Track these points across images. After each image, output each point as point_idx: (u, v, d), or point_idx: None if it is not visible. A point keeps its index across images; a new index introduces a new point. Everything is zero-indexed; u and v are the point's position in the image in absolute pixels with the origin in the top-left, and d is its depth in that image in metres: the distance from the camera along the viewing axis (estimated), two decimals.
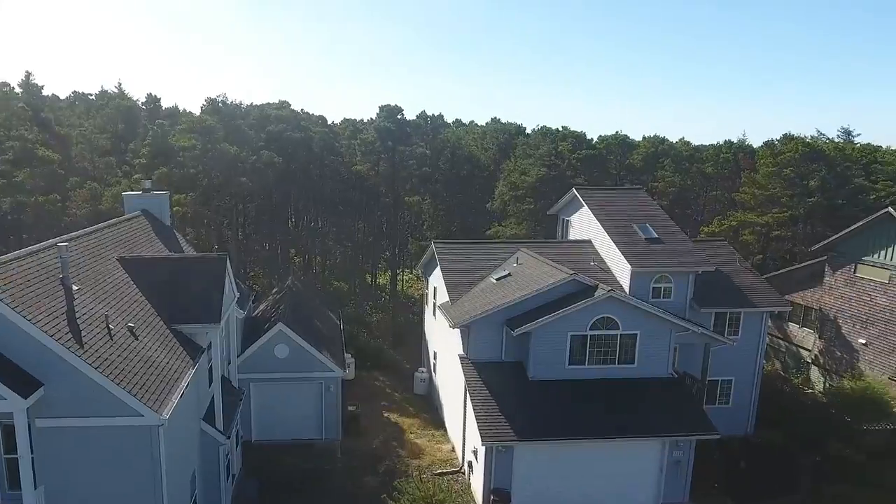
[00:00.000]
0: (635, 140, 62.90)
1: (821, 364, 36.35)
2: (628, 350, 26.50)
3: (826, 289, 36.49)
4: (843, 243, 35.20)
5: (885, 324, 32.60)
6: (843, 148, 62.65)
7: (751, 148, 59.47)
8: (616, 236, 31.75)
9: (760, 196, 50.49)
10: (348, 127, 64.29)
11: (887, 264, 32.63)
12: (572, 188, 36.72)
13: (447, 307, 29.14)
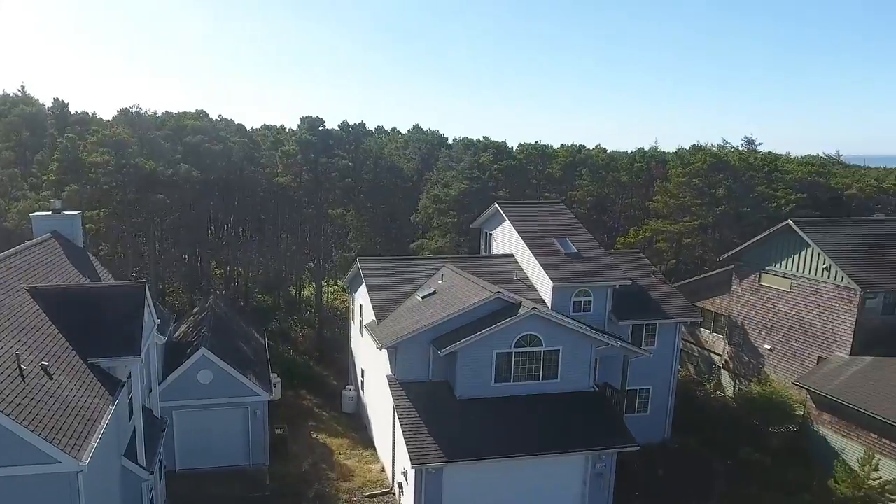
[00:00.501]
0: (554, 147, 64.18)
1: (730, 369, 38.06)
2: (552, 366, 27.11)
3: (734, 296, 38.22)
4: (748, 253, 36.92)
5: (787, 330, 34.39)
6: (747, 157, 65.68)
7: (662, 157, 61.62)
8: (537, 251, 32.43)
9: (672, 205, 52.36)
10: (269, 136, 62.96)
11: (788, 273, 34.43)
12: (494, 203, 37.27)
13: (373, 327, 29.06)
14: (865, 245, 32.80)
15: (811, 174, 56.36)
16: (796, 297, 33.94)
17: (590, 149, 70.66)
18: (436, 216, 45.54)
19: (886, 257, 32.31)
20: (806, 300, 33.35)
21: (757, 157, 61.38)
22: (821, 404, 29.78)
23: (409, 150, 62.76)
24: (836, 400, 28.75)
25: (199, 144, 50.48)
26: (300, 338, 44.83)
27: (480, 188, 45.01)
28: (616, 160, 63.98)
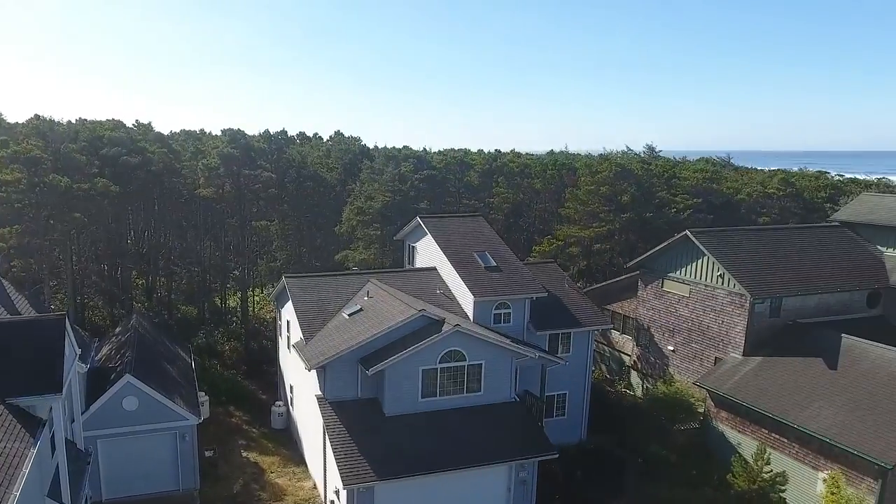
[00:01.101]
0: (473, 153, 64.80)
1: (639, 369, 39.49)
2: (475, 379, 27.48)
3: (640, 300, 39.63)
4: (652, 260, 38.33)
5: (687, 332, 35.95)
6: (649, 165, 68.16)
7: (573, 165, 63.13)
8: (459, 266, 32.73)
9: (582, 211, 53.79)
10: (189, 144, 61.13)
11: (687, 280, 35.96)
12: (417, 217, 37.36)
13: (301, 347, 28.67)
14: (754, 253, 34.62)
15: (705, 181, 58.87)
16: (695, 302, 35.49)
17: (506, 153, 71.82)
18: (360, 228, 45.20)
19: (772, 264, 34.19)
20: (703, 305, 34.93)
21: (657, 164, 63.81)
22: (718, 402, 31.34)
23: (331, 159, 62.00)
24: (731, 398, 30.33)
25: (117, 157, 48.39)
26: (227, 351, 43.64)
27: (403, 200, 44.93)
28: (530, 167, 65.18)
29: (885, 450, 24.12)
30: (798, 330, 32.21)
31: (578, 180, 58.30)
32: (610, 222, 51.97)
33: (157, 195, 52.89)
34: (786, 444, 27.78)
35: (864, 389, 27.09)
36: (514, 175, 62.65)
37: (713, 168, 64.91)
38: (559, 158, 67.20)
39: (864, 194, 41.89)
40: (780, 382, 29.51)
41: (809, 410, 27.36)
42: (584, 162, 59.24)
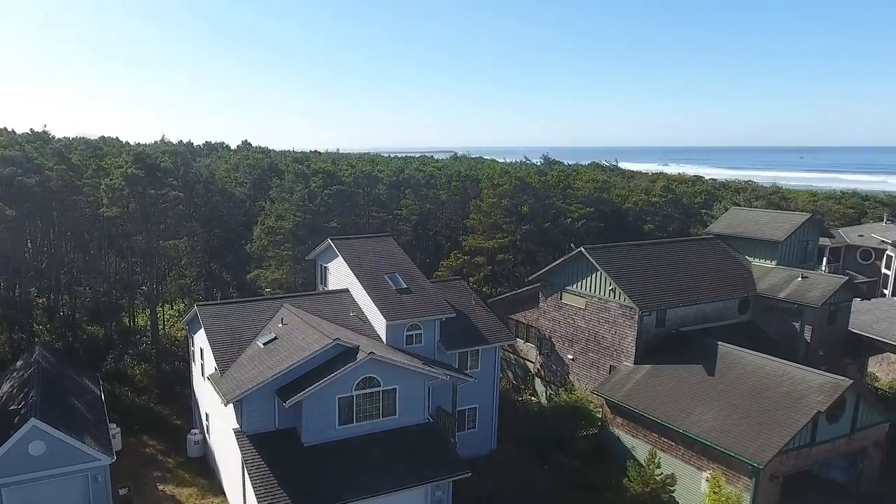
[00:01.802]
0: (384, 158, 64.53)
1: (542, 376, 40.74)
2: (390, 403, 27.64)
3: (541, 311, 40.85)
4: (551, 274, 39.57)
5: (585, 342, 37.41)
6: (545, 173, 70.21)
7: (476, 178, 64.08)
8: (371, 289, 32.72)
9: (486, 222, 54.78)
10: (91, 163, 57.55)
11: (583, 293, 37.39)
12: (328, 239, 37.04)
13: (217, 379, 27.89)
14: (641, 267, 36.41)
15: (596, 190, 61.26)
16: (591, 314, 36.97)
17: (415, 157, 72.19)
18: (271, 248, 44.22)
19: (657, 277, 36.08)
20: (598, 316, 36.44)
21: (553, 174, 65.82)
22: (614, 409, 32.86)
23: (239, 173, 60.23)
24: (624, 405, 31.87)
25: (12, 178, 45.24)
26: (138, 375, 41.70)
27: (314, 219, 44.27)
28: (436, 178, 65.73)
29: (758, 451, 26.06)
30: (681, 338, 34.17)
31: (481, 192, 59.31)
32: (511, 233, 53.18)
33: (58, 213, 49.84)
34: (673, 446, 29.49)
35: (738, 394, 29.11)
36: (421, 186, 63.04)
37: (603, 177, 67.42)
38: (462, 169, 67.89)
39: (734, 208, 44.74)
40: (667, 389, 31.26)
41: (693, 415, 29.16)
42: (487, 174, 59.98)
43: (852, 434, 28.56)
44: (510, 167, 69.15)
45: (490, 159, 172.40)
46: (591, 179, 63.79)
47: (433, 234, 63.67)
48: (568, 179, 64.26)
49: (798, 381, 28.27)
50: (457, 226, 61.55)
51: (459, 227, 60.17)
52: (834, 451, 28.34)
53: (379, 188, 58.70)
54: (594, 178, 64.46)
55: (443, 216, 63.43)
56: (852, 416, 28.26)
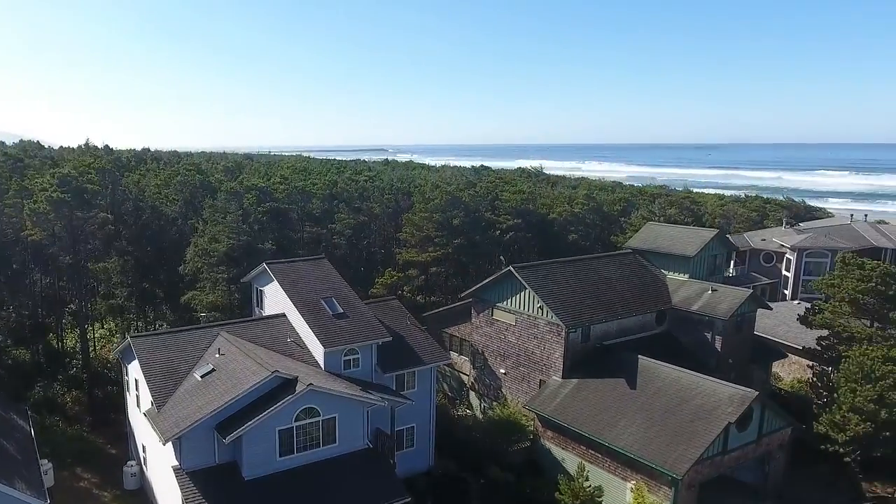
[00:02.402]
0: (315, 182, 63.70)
1: (477, 389, 41.34)
2: (330, 432, 27.57)
3: (474, 326, 41.42)
4: (482, 291, 40.15)
5: (516, 357, 38.19)
6: (475, 183, 70.97)
7: (408, 191, 64.22)
8: (308, 315, 32.44)
9: (419, 236, 55.01)
10: (13, 182, 54.48)
11: (514, 310, 38.15)
12: (263, 263, 36.45)
13: (154, 416, 27.12)
14: (567, 284, 37.43)
15: (523, 202, 62.45)
16: (521, 330, 37.77)
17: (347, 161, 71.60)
18: (205, 269, 43.08)
19: (582, 293, 37.18)
20: (528, 332, 37.27)
21: (482, 185, 66.68)
22: (544, 423, 33.75)
23: (171, 190, 58.30)
24: (554, 420, 32.80)
25: None
26: (69, 403, 39.96)
27: (248, 241, 43.34)
28: (368, 191, 65.46)
29: (676, 462, 27.37)
30: (604, 352, 35.38)
31: (413, 205, 59.53)
32: (444, 246, 53.60)
33: None
34: (600, 458, 30.57)
35: (658, 406, 30.43)
36: (354, 199, 62.69)
37: (529, 188, 68.69)
38: (394, 181, 67.91)
39: (650, 224, 46.44)
40: (593, 403, 32.35)
41: (617, 428, 30.31)
42: (419, 187, 60.17)
43: (759, 440, 30.34)
44: (441, 180, 69.55)
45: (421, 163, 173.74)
46: (519, 191, 64.95)
47: (367, 246, 63.50)
48: (496, 190, 65.21)
49: (710, 393, 29.79)
50: (390, 237, 61.57)
51: (393, 239, 60.21)
52: (744, 456, 30.03)
53: (312, 203, 58.03)
54: (521, 190, 65.64)
55: (377, 228, 63.32)
56: (759, 423, 30.01)
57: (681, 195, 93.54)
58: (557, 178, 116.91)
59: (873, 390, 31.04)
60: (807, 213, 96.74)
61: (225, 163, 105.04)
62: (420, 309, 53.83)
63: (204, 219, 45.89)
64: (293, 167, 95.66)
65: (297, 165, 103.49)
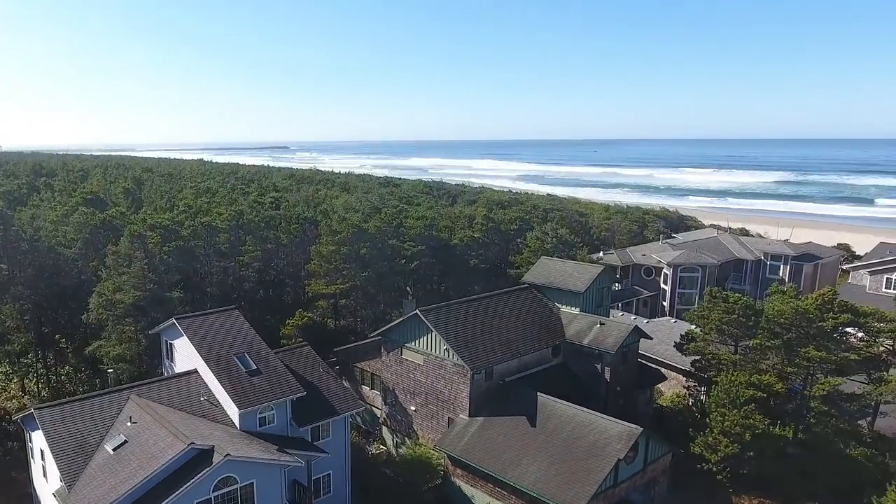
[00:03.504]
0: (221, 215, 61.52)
1: (389, 425, 41.76)
2: (248, 498, 27.15)
3: (384, 365, 41.79)
4: (391, 332, 40.52)
5: (425, 395, 38.93)
6: (379, 209, 71.01)
7: (314, 220, 63.39)
8: (220, 374, 31.68)
9: (327, 267, 54.63)
10: None
11: (422, 351, 38.81)
12: (173, 318, 35.19)
13: (64, 497, 25.79)
14: (470, 325, 38.43)
15: (426, 228, 63.18)
16: (429, 370, 38.52)
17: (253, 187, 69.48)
18: (111, 321, 40.92)
19: (485, 333, 38.29)
20: (436, 372, 38.07)
21: (387, 213, 66.84)
22: (454, 461, 34.69)
23: (69, 229, 54.72)
24: (462, 459, 33.80)
25: None
26: None
27: (155, 290, 41.52)
28: (275, 220, 64.09)
29: (573, 499, 29.01)
30: (506, 390, 36.72)
31: (320, 234, 58.94)
32: (352, 278, 53.55)
33: None
34: (507, 496, 31.87)
35: (556, 444, 32.03)
36: (261, 230, 61.25)
37: (431, 214, 69.50)
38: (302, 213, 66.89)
39: (543, 258, 48.20)
40: (498, 442, 33.59)
41: (521, 466, 31.67)
42: (325, 223, 59.52)
43: (645, 468, 32.64)
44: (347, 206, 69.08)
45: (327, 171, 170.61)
46: (422, 217, 65.58)
47: (276, 276, 62.30)
48: (401, 217, 65.61)
49: (602, 430, 31.71)
50: (299, 267, 60.64)
51: (302, 270, 59.37)
52: (633, 484, 32.21)
53: (219, 238, 56.24)
54: (424, 216, 66.30)
55: (285, 257, 62.20)
56: (644, 454, 32.28)
57: (570, 210, 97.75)
58: (457, 190, 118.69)
59: (739, 414, 34.16)
60: (680, 223, 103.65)
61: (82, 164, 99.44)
62: (331, 334, 53.77)
63: (107, 265, 43.50)
64: (196, 188, 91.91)
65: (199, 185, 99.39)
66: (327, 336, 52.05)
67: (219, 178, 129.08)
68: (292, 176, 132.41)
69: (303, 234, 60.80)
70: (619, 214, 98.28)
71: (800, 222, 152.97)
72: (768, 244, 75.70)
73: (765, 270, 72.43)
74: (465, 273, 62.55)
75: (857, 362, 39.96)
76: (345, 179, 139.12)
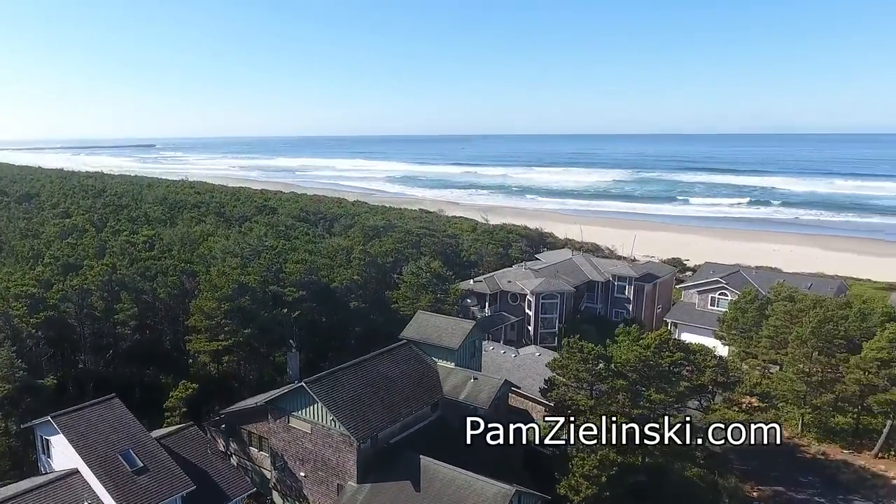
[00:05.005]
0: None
1: (279, 490, 41.57)
2: None
3: (272, 431, 41.46)
4: (277, 401, 40.31)
5: (314, 462, 39.13)
6: (261, 253, 69.30)
7: (193, 271, 60.78)
8: (104, 476, 30.37)
9: (208, 324, 52.81)
10: None
11: (309, 419, 38.96)
12: (48, 416, 32.97)
13: None
14: (356, 391, 38.88)
15: (306, 273, 62.65)
16: (317, 438, 38.74)
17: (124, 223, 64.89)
18: None
19: (368, 399, 38.95)
20: (323, 441, 38.39)
21: (267, 257, 65.49)
22: None
23: None
24: None
25: None
26: None
27: (25, 377, 38.37)
28: (150, 270, 60.71)
29: None
30: (391, 454, 37.76)
31: (199, 287, 56.75)
32: (234, 334, 52.18)
33: None
34: None
35: None
36: (136, 282, 57.90)
37: (311, 257, 68.87)
38: (178, 258, 63.82)
39: (420, 313, 49.60)
40: None
41: None
42: (205, 277, 57.27)
43: None
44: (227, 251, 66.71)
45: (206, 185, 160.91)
46: (301, 261, 64.81)
47: (156, 332, 59.20)
48: (283, 264, 64.51)
49: (480, 492, 33.69)
50: (179, 321, 57.97)
51: (181, 326, 56.83)
52: None
53: (92, 300, 52.56)
54: (303, 259, 65.55)
55: (163, 312, 59.19)
56: None
57: (441, 233, 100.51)
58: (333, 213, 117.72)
59: (596, 459, 37.72)
60: (540, 240, 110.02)
61: None
62: (215, 383, 52.32)
63: None
64: (61, 226, 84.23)
65: (64, 224, 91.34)
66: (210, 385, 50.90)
67: (84, 202, 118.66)
68: (164, 200, 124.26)
69: (181, 286, 58.17)
70: (485, 235, 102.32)
71: (630, 223, 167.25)
72: (615, 265, 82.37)
73: (613, 290, 78.91)
74: (346, 315, 62.85)
75: (689, 390, 45.54)
76: (219, 200, 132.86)
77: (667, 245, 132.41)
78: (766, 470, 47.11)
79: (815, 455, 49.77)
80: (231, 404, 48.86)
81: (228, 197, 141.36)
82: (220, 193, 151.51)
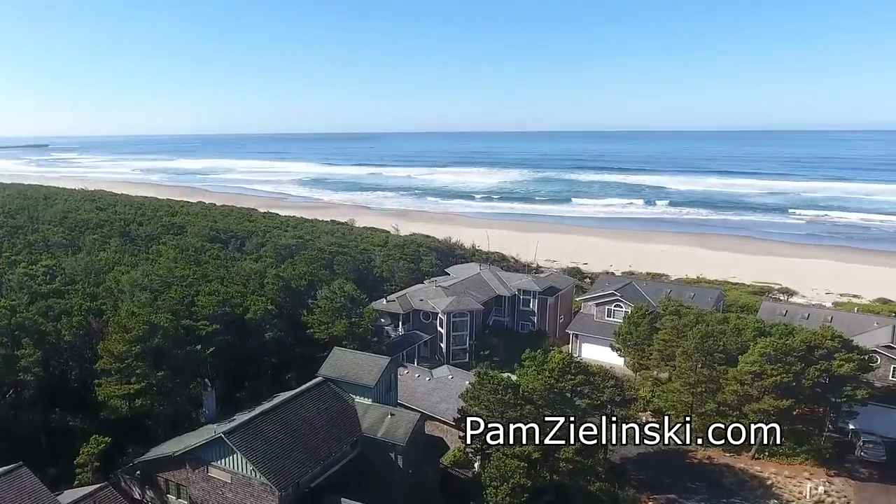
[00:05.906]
0: None
1: None
2: None
3: (191, 481, 40.61)
4: (196, 451, 39.54)
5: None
6: (171, 286, 66.56)
7: (100, 310, 57.68)
8: None
9: (118, 367, 50.47)
10: None
11: (228, 469, 38.55)
12: None
13: None
14: (276, 438, 38.92)
15: (219, 304, 60.97)
16: (237, 487, 38.37)
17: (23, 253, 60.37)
18: None
19: (289, 445, 39.13)
20: (244, 490, 38.07)
21: (178, 290, 63.10)
22: None
23: None
24: None
25: None
26: None
27: None
28: (53, 309, 57.04)
29: None
30: (313, 498, 38.25)
31: (108, 328, 54.02)
32: (147, 376, 50.18)
33: None
34: None
35: None
36: (38, 324, 54.22)
37: (223, 287, 67.02)
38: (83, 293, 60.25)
39: (336, 350, 49.56)
40: None
41: None
42: (114, 318, 54.50)
43: None
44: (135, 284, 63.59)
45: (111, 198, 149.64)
46: (213, 292, 62.99)
47: (62, 370, 55.70)
48: (194, 297, 62.38)
49: None
50: (87, 360, 54.87)
51: (89, 365, 53.86)
52: None
53: None
54: (216, 291, 63.73)
55: (69, 353, 55.76)
56: None
57: (354, 249, 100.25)
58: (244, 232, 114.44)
59: (508, 487, 39.85)
60: (450, 252, 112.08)
61: None
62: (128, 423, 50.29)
63: None
64: None
65: None
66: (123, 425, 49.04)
67: None
68: (64, 219, 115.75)
69: (87, 328, 55.11)
70: (396, 249, 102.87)
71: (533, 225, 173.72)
72: (520, 279, 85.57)
73: (519, 304, 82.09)
74: (262, 344, 61.83)
75: (590, 408, 48.68)
76: (123, 216, 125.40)
77: (568, 248, 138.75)
78: (660, 478, 51.20)
79: (702, 460, 54.52)
80: (145, 444, 47.49)
81: (133, 212, 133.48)
82: (124, 207, 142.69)
